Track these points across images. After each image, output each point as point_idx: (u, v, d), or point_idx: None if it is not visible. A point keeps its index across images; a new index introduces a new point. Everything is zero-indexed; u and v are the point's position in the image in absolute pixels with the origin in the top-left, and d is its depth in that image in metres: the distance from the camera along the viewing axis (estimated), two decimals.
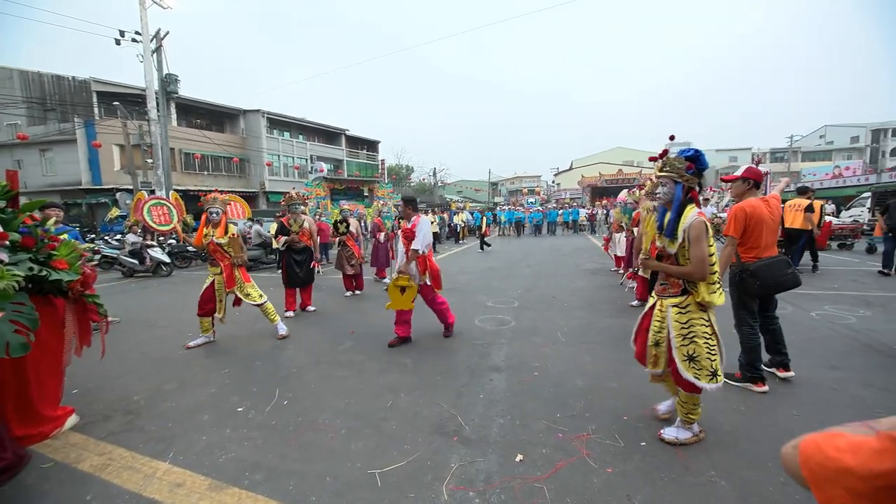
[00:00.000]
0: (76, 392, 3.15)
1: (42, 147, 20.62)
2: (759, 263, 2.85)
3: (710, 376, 2.08)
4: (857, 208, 15.91)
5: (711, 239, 2.06)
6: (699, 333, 2.10)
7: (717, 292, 2.08)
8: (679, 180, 2.12)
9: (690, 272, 2.06)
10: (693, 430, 2.25)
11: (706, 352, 2.09)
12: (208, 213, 4.20)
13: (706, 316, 2.11)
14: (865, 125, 43.09)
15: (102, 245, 11.74)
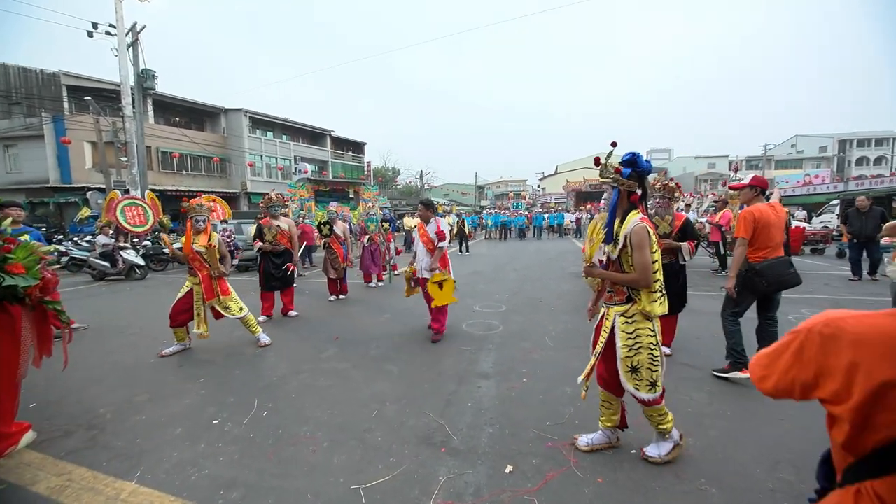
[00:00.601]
0: (34, 406, 2.93)
1: (6, 143, 19.56)
2: (764, 263, 3.04)
3: (649, 387, 2.02)
4: (827, 215, 16.66)
5: (655, 246, 1.98)
6: (644, 344, 2.02)
7: (658, 301, 1.99)
8: (615, 185, 2.06)
9: (635, 280, 1.98)
10: (673, 439, 2.15)
11: (648, 363, 2.02)
12: (193, 221, 4.00)
13: (651, 326, 2.03)
14: (833, 135, 45.34)
15: (71, 247, 11.19)
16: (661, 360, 2.05)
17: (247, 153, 25.06)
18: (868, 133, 44.14)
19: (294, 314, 5.40)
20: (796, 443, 2.29)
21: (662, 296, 2.00)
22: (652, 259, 1.95)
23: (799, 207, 18.77)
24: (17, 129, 19.06)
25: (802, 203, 24.69)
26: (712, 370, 3.37)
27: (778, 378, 0.77)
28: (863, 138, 44.11)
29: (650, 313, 1.99)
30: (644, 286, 1.97)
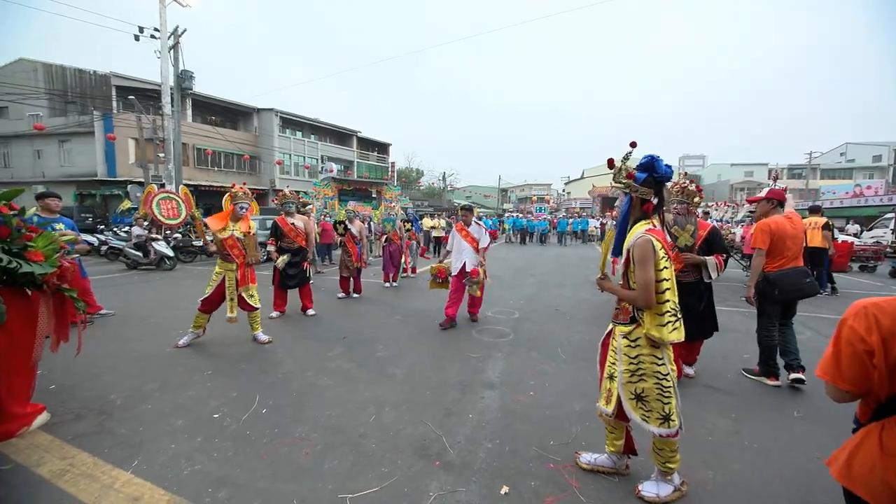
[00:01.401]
0: (53, 388, 3.05)
1: (61, 138, 21.08)
2: (777, 273, 3.18)
3: (660, 420, 1.79)
4: (880, 229, 15.35)
5: (664, 262, 1.74)
6: (648, 372, 1.80)
7: (668, 326, 1.72)
8: (628, 191, 1.85)
9: (635, 298, 1.77)
10: (674, 483, 1.92)
11: (657, 393, 1.79)
12: (236, 207, 4.09)
13: (658, 354, 1.79)
14: (889, 143, 41.91)
15: (111, 236, 11.88)
16: (674, 392, 1.81)
17: (276, 151, 25.91)
18: None
19: (311, 313, 5.35)
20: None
21: (677, 320, 1.75)
22: (658, 277, 1.72)
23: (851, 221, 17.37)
24: (72, 126, 20.53)
25: (851, 216, 22.94)
26: (743, 368, 3.60)
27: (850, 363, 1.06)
28: None
29: (659, 339, 1.75)
30: (644, 306, 1.75)
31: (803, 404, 2.93)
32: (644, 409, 1.83)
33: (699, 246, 3.16)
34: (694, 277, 3.15)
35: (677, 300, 1.79)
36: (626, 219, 1.88)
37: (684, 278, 3.05)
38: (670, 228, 2.98)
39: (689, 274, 3.13)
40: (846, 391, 1.08)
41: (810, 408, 2.88)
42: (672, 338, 1.73)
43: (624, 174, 1.84)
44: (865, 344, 1.02)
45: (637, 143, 1.92)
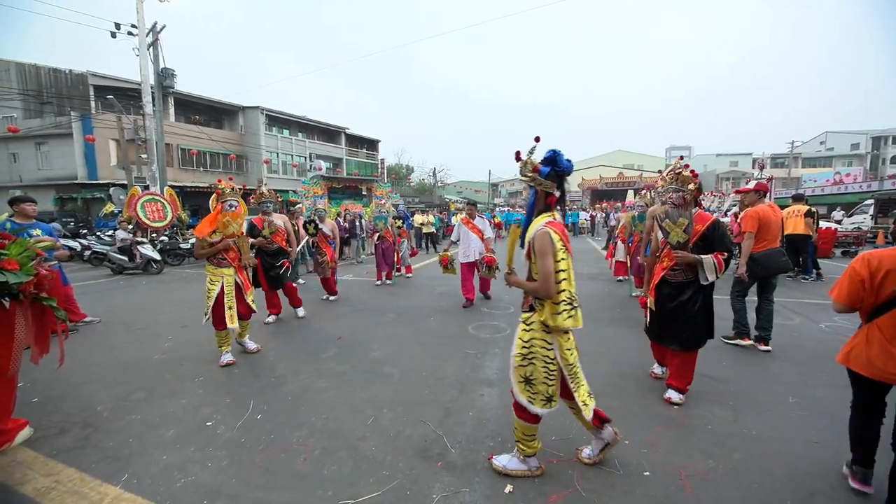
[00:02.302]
0: (36, 401, 2.93)
1: (37, 141, 20.40)
2: (761, 253, 3.74)
3: (544, 401, 1.90)
4: (860, 215, 15.74)
5: (561, 253, 1.82)
6: (539, 356, 1.89)
7: (563, 314, 1.80)
8: (532, 185, 1.91)
9: (536, 289, 1.83)
10: (528, 465, 2.00)
11: (543, 376, 1.88)
12: (224, 205, 3.70)
13: (549, 339, 1.88)
14: (866, 132, 42.99)
15: (94, 241, 11.53)
16: (558, 377, 1.90)
17: (263, 150, 25.46)
18: None
19: (301, 314, 5.19)
20: (832, 470, 2.06)
21: (573, 308, 1.83)
22: (556, 268, 1.79)
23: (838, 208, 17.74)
24: (48, 128, 19.85)
25: (832, 203, 23.47)
26: (721, 336, 3.91)
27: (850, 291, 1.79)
28: None
29: (552, 326, 1.84)
30: (545, 296, 1.82)
31: (798, 392, 2.97)
32: (531, 392, 1.92)
33: (695, 242, 2.69)
34: (685, 277, 2.71)
35: (574, 290, 1.88)
36: (532, 211, 1.95)
37: (674, 277, 2.74)
38: (661, 223, 2.72)
39: (680, 273, 2.72)
40: (845, 304, 1.84)
41: (806, 395, 2.91)
42: (567, 324, 1.82)
43: (529, 168, 1.90)
44: (860, 276, 1.77)
45: (541, 138, 1.94)
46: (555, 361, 1.89)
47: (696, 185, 2.78)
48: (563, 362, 1.90)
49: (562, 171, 1.88)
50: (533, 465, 2.02)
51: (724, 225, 2.76)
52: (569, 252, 1.89)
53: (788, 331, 4.44)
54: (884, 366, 1.70)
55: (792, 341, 4.08)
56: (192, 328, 4.75)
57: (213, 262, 3.62)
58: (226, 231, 3.58)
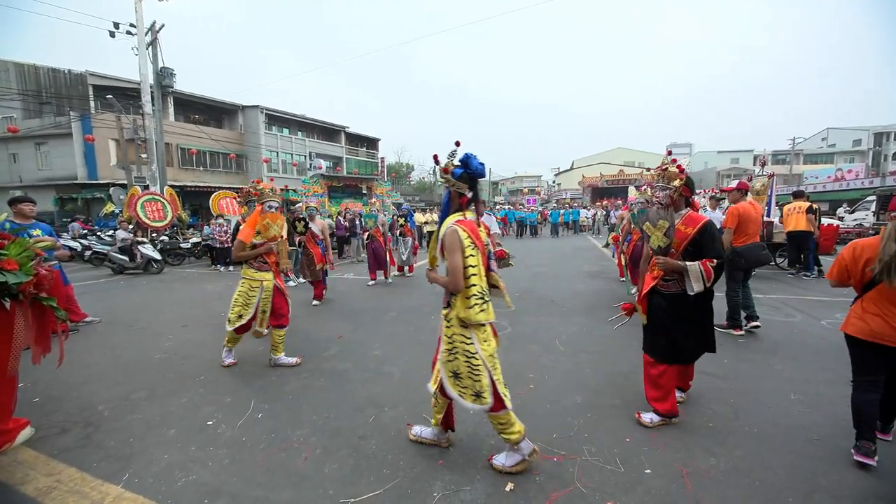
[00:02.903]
0: (37, 401, 2.93)
1: (37, 141, 20.40)
2: (743, 247, 4.07)
3: (473, 396, 1.96)
4: (862, 212, 15.70)
5: (470, 250, 1.90)
6: (460, 350, 1.97)
7: (475, 308, 1.88)
8: (447, 186, 2.00)
9: (447, 283, 1.93)
10: (522, 453, 2.04)
11: (467, 370, 1.95)
12: (265, 206, 3.47)
13: (467, 334, 1.95)
14: (868, 128, 42.78)
15: (95, 241, 11.54)
16: (484, 371, 1.94)
17: (263, 149, 25.43)
18: None
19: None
20: (833, 467, 2.06)
21: (484, 303, 1.91)
22: (465, 263, 1.88)
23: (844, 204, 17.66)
24: (47, 128, 19.84)
25: (834, 199, 23.40)
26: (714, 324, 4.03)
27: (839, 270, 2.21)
28: None
29: (467, 320, 1.91)
30: (454, 290, 1.91)
31: (800, 388, 2.96)
32: (460, 386, 1.99)
33: (685, 247, 2.37)
34: (678, 288, 2.39)
35: (485, 284, 1.96)
36: (446, 211, 2.02)
37: (667, 288, 2.44)
38: (641, 225, 2.57)
39: (673, 283, 2.41)
40: (835, 280, 2.27)
41: (807, 392, 2.90)
42: (480, 318, 1.90)
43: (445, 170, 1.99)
44: (845, 260, 2.19)
45: (461, 143, 1.98)
46: (476, 355, 1.95)
47: (682, 181, 2.42)
48: (483, 354, 1.95)
49: (473, 173, 1.96)
50: (526, 451, 2.05)
51: (717, 228, 2.47)
52: (479, 249, 1.95)
53: (790, 327, 4.42)
54: (878, 328, 2.04)
55: (793, 338, 4.07)
56: (192, 327, 4.76)
57: (253, 266, 3.42)
58: (267, 234, 3.41)
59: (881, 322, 2.02)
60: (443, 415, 2.17)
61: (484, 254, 2.00)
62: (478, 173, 1.98)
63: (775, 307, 5.29)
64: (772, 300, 5.66)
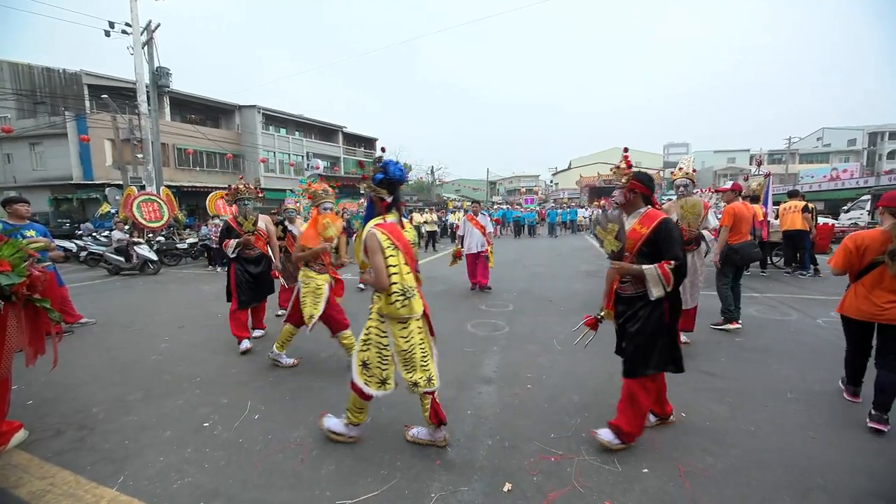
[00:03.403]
0: (31, 403, 2.91)
1: (32, 141, 20.22)
2: (739, 244, 4.27)
3: (378, 384, 2.14)
4: (857, 211, 15.81)
5: (389, 251, 2.03)
6: (373, 342, 2.14)
7: (397, 304, 2.04)
8: (366, 191, 2.14)
9: (372, 282, 2.07)
10: (350, 432, 2.28)
11: (377, 361, 2.13)
12: (321, 207, 3.46)
13: (383, 328, 2.13)
14: (863, 128, 43.09)
15: (90, 241, 11.46)
16: (391, 362, 2.12)
17: (260, 149, 25.34)
18: None
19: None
20: (829, 466, 2.06)
21: (406, 299, 2.05)
22: (387, 263, 2.02)
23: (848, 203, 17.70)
24: (42, 128, 19.67)
25: (829, 199, 23.51)
26: (710, 324, 4.36)
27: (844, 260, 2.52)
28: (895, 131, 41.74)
29: (389, 314, 2.08)
30: (379, 288, 2.06)
31: (796, 387, 2.97)
32: (367, 375, 2.15)
33: (639, 248, 2.16)
34: (634, 290, 2.21)
35: (408, 282, 2.09)
36: (369, 215, 2.15)
37: (624, 291, 2.29)
38: (594, 230, 2.51)
39: (629, 285, 2.24)
40: (840, 269, 2.57)
41: (803, 390, 2.92)
42: (402, 313, 2.06)
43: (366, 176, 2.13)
44: (849, 250, 2.48)
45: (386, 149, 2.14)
46: (388, 348, 2.13)
47: (629, 176, 2.25)
48: (395, 348, 2.11)
49: (392, 179, 2.07)
50: (352, 433, 2.27)
51: (676, 227, 2.24)
52: (400, 250, 2.08)
53: (786, 326, 4.45)
54: (867, 309, 2.45)
55: (789, 337, 4.09)
56: (189, 329, 4.73)
57: (314, 269, 3.39)
58: (324, 234, 3.35)
59: (871, 305, 2.44)
60: (430, 411, 2.18)
61: (407, 253, 2.12)
62: (396, 179, 2.09)
63: (771, 306, 5.31)
64: (768, 299, 5.69)
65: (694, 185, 3.92)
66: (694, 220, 3.74)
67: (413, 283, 2.12)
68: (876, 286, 2.40)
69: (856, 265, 2.48)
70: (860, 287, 2.49)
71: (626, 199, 2.28)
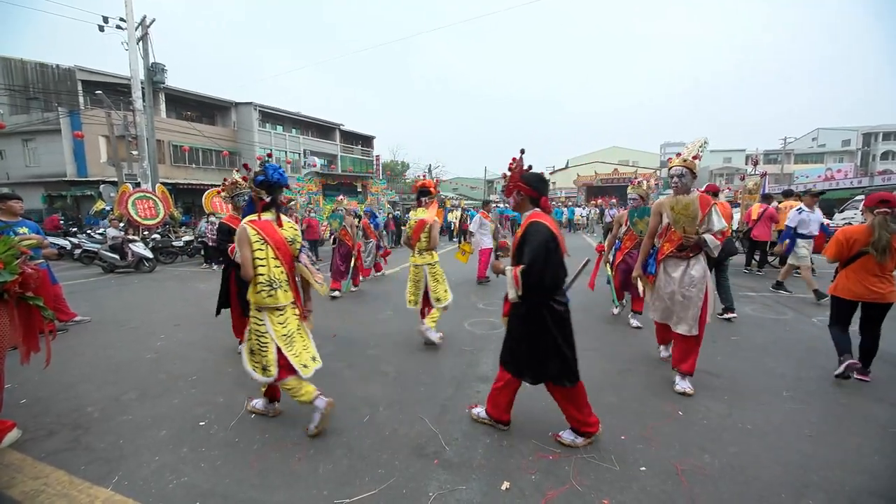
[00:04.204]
0: (24, 402, 2.87)
1: (25, 137, 19.97)
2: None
3: (262, 370, 2.31)
4: (851, 211, 15.95)
5: (257, 244, 2.23)
6: (253, 331, 2.32)
7: (262, 293, 2.27)
8: (252, 192, 2.36)
9: (243, 274, 2.26)
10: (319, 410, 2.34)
11: (258, 347, 2.30)
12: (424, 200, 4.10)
13: (260, 317, 2.31)
14: (857, 128, 43.43)
15: (84, 239, 11.36)
16: (270, 348, 2.29)
17: (257, 147, 25.16)
18: (895, 126, 42.07)
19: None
20: (826, 463, 2.08)
21: (271, 289, 2.26)
22: (254, 256, 2.23)
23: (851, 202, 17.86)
24: (35, 124, 19.43)
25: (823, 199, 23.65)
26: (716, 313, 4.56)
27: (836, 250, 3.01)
28: (889, 131, 42.07)
29: (256, 304, 2.30)
30: (246, 278, 2.26)
31: (792, 385, 2.99)
32: (254, 361, 2.33)
33: (514, 250, 2.23)
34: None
35: (276, 274, 2.28)
36: (249, 212, 2.35)
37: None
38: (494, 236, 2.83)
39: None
40: (833, 258, 3.04)
41: (799, 389, 2.93)
42: (267, 302, 2.27)
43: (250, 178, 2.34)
44: (841, 242, 2.97)
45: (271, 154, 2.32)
46: (266, 335, 2.29)
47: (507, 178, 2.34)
48: (275, 335, 2.29)
49: (269, 181, 2.28)
50: (321, 406, 2.35)
51: (540, 230, 2.13)
52: (270, 245, 2.26)
53: (782, 325, 4.48)
54: (857, 290, 2.95)
55: (785, 335, 4.12)
56: (185, 327, 4.69)
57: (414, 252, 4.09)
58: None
59: (861, 287, 2.93)
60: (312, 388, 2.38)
61: (278, 249, 2.28)
62: (274, 182, 2.29)
63: (767, 305, 5.35)
64: (764, 298, 5.72)
65: (694, 177, 2.93)
66: (689, 223, 2.82)
67: (281, 276, 2.30)
68: (861, 271, 2.92)
69: (845, 254, 2.98)
70: (850, 272, 2.97)
71: (514, 202, 2.32)
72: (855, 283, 2.94)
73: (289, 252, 2.36)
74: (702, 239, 2.85)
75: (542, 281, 2.08)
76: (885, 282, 2.87)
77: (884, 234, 2.75)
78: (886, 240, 2.75)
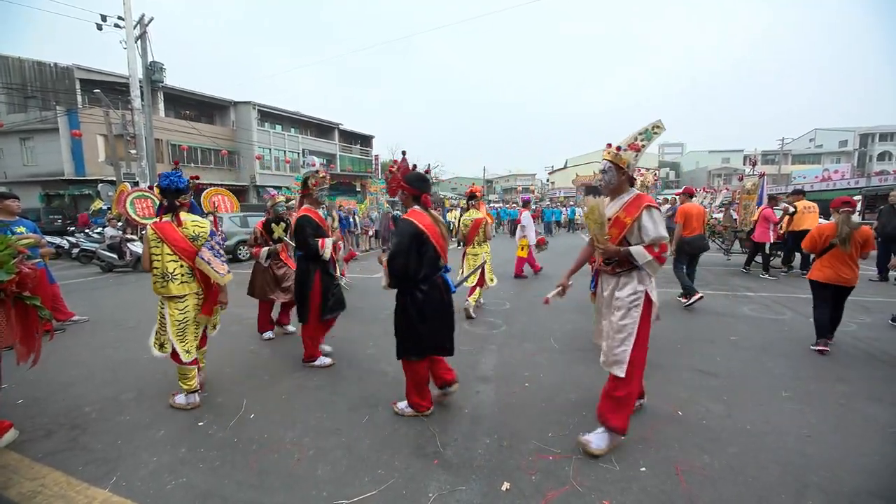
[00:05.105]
0: (21, 402, 2.85)
1: (22, 136, 19.87)
2: (690, 238, 5.40)
3: (158, 346, 2.67)
4: None
5: (154, 243, 2.56)
6: (158, 311, 2.69)
7: (157, 284, 2.59)
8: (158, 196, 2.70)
9: (143, 266, 2.69)
10: (188, 400, 2.71)
11: (159, 327, 2.66)
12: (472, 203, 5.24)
13: (162, 302, 2.66)
14: (854, 129, 43.56)
15: (82, 238, 11.32)
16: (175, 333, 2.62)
17: (255, 146, 25.09)
18: (892, 127, 42.23)
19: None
20: (825, 464, 2.08)
21: (165, 281, 2.57)
22: (150, 251, 2.58)
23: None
24: (33, 123, 19.33)
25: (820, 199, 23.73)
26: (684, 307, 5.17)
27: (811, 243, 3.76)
28: (886, 132, 42.22)
29: (154, 292, 2.63)
30: (146, 270, 2.65)
31: (791, 385, 2.99)
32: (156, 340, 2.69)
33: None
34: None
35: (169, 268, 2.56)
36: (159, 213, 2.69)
37: None
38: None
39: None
40: (809, 250, 3.81)
41: (798, 388, 2.94)
42: (161, 292, 2.60)
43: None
44: (815, 237, 3.73)
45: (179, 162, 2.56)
46: (164, 319, 2.62)
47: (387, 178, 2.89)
48: (169, 319, 2.61)
49: (168, 187, 2.59)
50: (191, 401, 2.70)
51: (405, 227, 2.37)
52: (165, 243, 2.55)
53: (780, 325, 4.48)
54: (829, 275, 3.59)
55: (783, 335, 4.13)
56: None
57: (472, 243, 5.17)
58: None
59: (831, 272, 3.58)
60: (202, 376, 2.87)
61: (174, 245, 2.55)
62: (171, 187, 2.59)
63: (766, 305, 5.36)
64: (762, 298, 5.73)
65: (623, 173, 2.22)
66: (597, 229, 2.17)
67: (179, 269, 2.57)
68: (832, 259, 3.59)
69: (819, 246, 3.67)
70: (823, 261, 3.66)
71: (401, 200, 2.61)
72: (827, 269, 3.60)
73: (188, 248, 2.60)
74: (624, 251, 2.12)
75: (407, 271, 2.34)
76: (851, 269, 3.54)
77: (845, 228, 3.49)
78: (847, 233, 3.48)
